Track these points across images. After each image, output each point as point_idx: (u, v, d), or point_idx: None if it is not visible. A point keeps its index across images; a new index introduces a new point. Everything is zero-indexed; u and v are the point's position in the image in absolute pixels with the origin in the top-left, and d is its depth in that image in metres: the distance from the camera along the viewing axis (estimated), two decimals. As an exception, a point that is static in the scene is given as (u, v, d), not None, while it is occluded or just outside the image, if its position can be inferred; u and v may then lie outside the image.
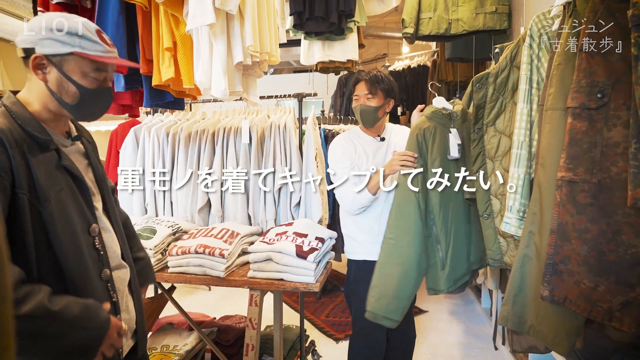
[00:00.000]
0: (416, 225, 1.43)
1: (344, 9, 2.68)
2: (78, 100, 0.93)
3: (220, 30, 1.69)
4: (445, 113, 1.53)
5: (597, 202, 0.88)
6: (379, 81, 1.66)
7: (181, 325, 2.31)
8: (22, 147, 0.84)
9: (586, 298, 0.87)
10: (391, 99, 1.71)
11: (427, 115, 1.55)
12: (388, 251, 1.45)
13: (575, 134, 0.93)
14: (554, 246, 0.93)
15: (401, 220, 1.44)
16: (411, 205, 1.44)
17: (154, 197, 2.29)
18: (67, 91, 0.92)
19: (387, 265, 1.45)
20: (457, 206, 1.52)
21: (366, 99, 1.67)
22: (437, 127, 1.52)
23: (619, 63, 0.92)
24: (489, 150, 1.47)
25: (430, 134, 1.51)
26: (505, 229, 1.31)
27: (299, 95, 2.30)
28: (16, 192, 0.81)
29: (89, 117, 1.00)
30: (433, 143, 1.51)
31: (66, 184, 0.90)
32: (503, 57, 1.48)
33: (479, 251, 1.56)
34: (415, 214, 1.44)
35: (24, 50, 0.89)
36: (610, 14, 0.94)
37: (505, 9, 2.60)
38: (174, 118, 2.46)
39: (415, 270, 1.43)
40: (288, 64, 6.37)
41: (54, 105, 0.93)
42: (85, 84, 0.92)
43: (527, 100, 1.32)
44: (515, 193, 1.31)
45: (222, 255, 1.64)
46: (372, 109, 1.67)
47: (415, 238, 1.43)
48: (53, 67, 0.90)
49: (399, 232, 1.44)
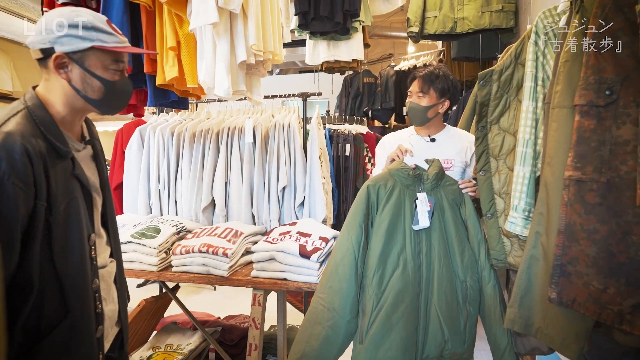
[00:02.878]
0: (350, 289, 1.28)
1: (349, 9, 2.67)
2: (103, 95, 0.93)
3: (223, 30, 1.69)
4: (412, 174, 1.34)
5: (606, 201, 0.86)
6: (434, 79, 1.52)
7: (185, 325, 2.32)
8: (45, 158, 0.84)
9: (595, 300, 0.85)
10: (446, 99, 1.55)
11: (391, 171, 1.37)
12: (317, 311, 1.31)
13: (583, 132, 0.91)
14: (561, 247, 0.90)
15: (335, 281, 1.29)
16: (348, 268, 1.28)
17: (158, 196, 2.30)
18: (92, 87, 0.91)
19: (315, 325, 1.31)
20: (410, 281, 1.28)
21: (417, 97, 1.54)
22: (398, 187, 1.34)
23: (628, 59, 0.90)
24: (493, 149, 1.44)
25: (385, 193, 1.34)
26: (510, 228, 1.29)
27: (304, 95, 2.29)
28: (36, 202, 0.82)
29: (115, 109, 1.00)
30: (386, 204, 1.32)
31: (78, 194, 0.91)
32: (507, 54, 1.46)
33: (438, 344, 1.28)
34: (351, 277, 1.28)
35: (42, 51, 0.88)
36: (619, 10, 0.92)
37: (512, 7, 2.57)
38: (179, 118, 2.47)
39: (342, 337, 1.29)
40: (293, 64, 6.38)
41: (80, 103, 0.93)
42: (108, 77, 0.92)
43: (532, 98, 1.30)
44: (521, 192, 1.29)
45: (226, 255, 1.63)
46: (421, 109, 1.53)
47: (347, 303, 1.28)
48: (75, 65, 0.89)
49: (332, 295, 1.29)
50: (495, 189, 1.41)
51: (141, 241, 1.71)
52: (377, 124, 5.06)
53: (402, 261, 1.29)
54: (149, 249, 1.70)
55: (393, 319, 1.26)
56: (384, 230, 1.30)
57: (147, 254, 1.71)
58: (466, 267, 1.32)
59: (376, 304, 1.27)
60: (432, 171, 1.36)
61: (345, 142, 3.08)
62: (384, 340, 1.26)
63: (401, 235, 1.31)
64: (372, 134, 3.68)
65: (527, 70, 1.32)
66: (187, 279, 1.70)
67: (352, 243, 1.30)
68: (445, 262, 1.31)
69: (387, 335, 1.26)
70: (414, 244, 1.31)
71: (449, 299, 1.29)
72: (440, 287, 1.29)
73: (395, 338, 1.26)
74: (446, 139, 1.60)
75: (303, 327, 1.35)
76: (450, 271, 1.31)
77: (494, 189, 1.41)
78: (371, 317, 1.28)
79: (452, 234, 1.34)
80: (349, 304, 1.29)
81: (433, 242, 1.32)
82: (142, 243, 1.71)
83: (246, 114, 2.39)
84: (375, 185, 1.35)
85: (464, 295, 1.31)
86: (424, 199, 1.32)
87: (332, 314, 1.29)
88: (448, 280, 1.30)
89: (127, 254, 1.72)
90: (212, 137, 2.25)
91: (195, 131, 2.28)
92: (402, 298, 1.27)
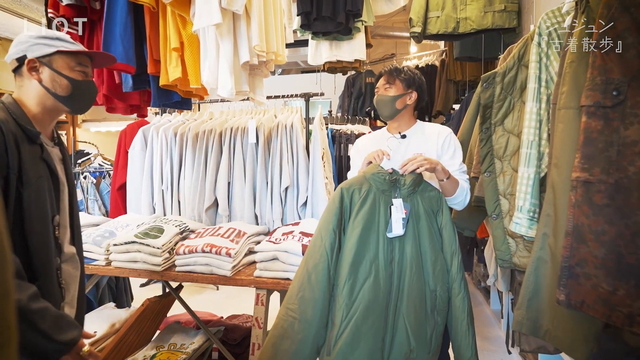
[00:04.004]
0: (324, 298, 1.22)
1: (352, 9, 2.67)
2: (71, 92, 1.08)
3: (226, 30, 1.69)
4: (388, 180, 1.29)
5: (615, 203, 0.85)
6: (398, 72, 1.53)
7: (189, 324, 2.32)
8: (16, 135, 0.98)
9: (604, 302, 0.84)
10: (413, 90, 1.53)
11: (366, 175, 1.32)
12: (286, 324, 1.23)
13: (590, 133, 0.91)
14: (569, 248, 0.90)
15: (308, 290, 1.22)
16: (321, 275, 1.22)
17: (161, 197, 2.30)
18: (60, 85, 1.07)
19: (283, 340, 1.22)
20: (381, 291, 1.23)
21: (384, 89, 1.53)
22: (373, 192, 1.29)
23: (635, 59, 0.89)
24: (497, 150, 1.43)
25: (359, 197, 1.28)
26: (515, 229, 1.28)
27: (306, 95, 2.29)
28: (8, 172, 0.94)
29: (81, 108, 1.15)
30: (360, 209, 1.26)
31: (45, 174, 1.03)
32: (511, 55, 1.46)
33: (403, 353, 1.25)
34: (325, 285, 1.22)
35: (17, 60, 1.05)
36: (625, 9, 0.91)
37: (515, 6, 2.56)
38: (182, 118, 2.47)
39: (311, 351, 1.23)
40: (296, 64, 6.37)
41: (50, 102, 1.07)
42: (74, 76, 1.08)
43: (536, 99, 1.29)
44: (525, 193, 1.28)
45: (229, 255, 1.64)
46: (389, 99, 1.50)
47: (320, 313, 1.22)
48: (44, 67, 1.06)
49: (304, 305, 1.22)
50: (500, 190, 1.40)
51: (145, 241, 1.71)
52: (380, 124, 5.06)
53: (374, 270, 1.24)
54: (152, 249, 1.70)
55: (362, 330, 1.21)
56: (357, 236, 1.24)
57: (150, 253, 1.71)
58: (437, 277, 1.28)
59: (346, 314, 1.22)
60: (409, 177, 1.31)
61: (348, 142, 3.08)
62: (352, 352, 1.21)
63: (374, 242, 1.26)
64: (375, 134, 3.67)
65: (530, 72, 1.31)
66: (190, 278, 1.70)
67: (325, 249, 1.24)
68: (417, 271, 1.26)
69: (356, 346, 1.21)
70: (386, 251, 1.25)
71: (417, 308, 1.25)
72: (410, 296, 1.24)
73: (364, 349, 1.21)
74: (416, 133, 1.56)
75: (269, 344, 1.25)
76: (421, 280, 1.27)
77: (499, 190, 1.40)
78: (340, 327, 1.22)
79: (426, 243, 1.28)
80: (321, 314, 1.22)
81: (406, 250, 1.27)
82: (146, 243, 1.71)
83: (249, 115, 2.39)
84: (350, 189, 1.30)
85: (432, 304, 1.28)
86: (400, 205, 1.26)
87: (303, 325, 1.21)
88: (418, 289, 1.26)
89: (131, 254, 1.72)
90: (215, 138, 2.25)
91: (198, 131, 2.28)
92: (372, 308, 1.22)
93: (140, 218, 2.05)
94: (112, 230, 1.87)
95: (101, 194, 2.93)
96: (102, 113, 4.54)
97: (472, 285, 3.60)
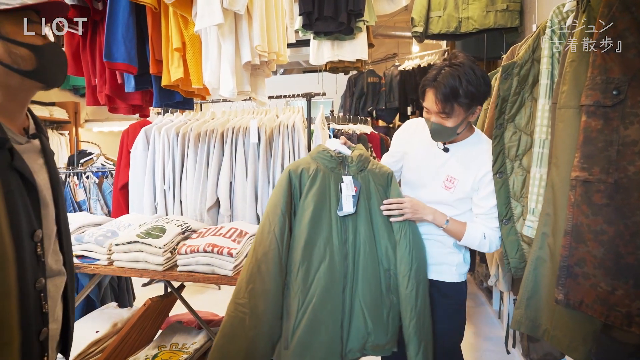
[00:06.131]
0: (276, 289, 1.13)
1: (353, 9, 2.67)
2: (37, 63, 0.87)
3: (228, 31, 1.70)
4: (335, 156, 1.24)
5: (614, 202, 0.85)
6: (455, 94, 1.19)
7: (190, 324, 2.33)
8: None
9: (603, 302, 0.85)
10: (477, 105, 1.26)
11: (312, 155, 1.27)
12: (236, 321, 1.14)
13: (589, 133, 0.91)
14: (568, 248, 0.90)
15: (258, 282, 1.13)
16: (272, 264, 1.13)
17: (163, 196, 2.31)
18: (21, 56, 0.85)
19: (234, 340, 1.13)
20: (337, 274, 1.15)
21: (440, 118, 1.24)
22: (322, 171, 1.23)
23: (635, 59, 0.89)
24: (509, 149, 1.33)
25: (308, 177, 1.21)
26: (528, 232, 1.21)
27: (308, 95, 2.30)
28: None
29: (56, 78, 0.93)
30: (309, 189, 1.19)
31: (16, 187, 0.84)
32: (524, 49, 1.36)
33: (361, 337, 1.18)
34: (277, 274, 1.13)
35: None
36: (626, 9, 0.91)
37: (517, 6, 2.56)
38: (184, 118, 2.48)
39: (266, 347, 1.15)
40: (297, 64, 6.38)
41: (16, 80, 0.85)
42: (31, 41, 0.86)
43: (549, 96, 1.21)
44: (538, 195, 1.20)
45: (231, 254, 1.64)
46: (449, 130, 1.27)
47: (273, 305, 1.14)
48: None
49: (254, 298, 1.13)
50: (511, 192, 1.32)
51: (147, 241, 1.72)
52: (382, 123, 5.06)
53: (328, 251, 1.16)
54: (154, 249, 1.71)
55: (321, 317, 1.13)
56: (309, 218, 1.16)
57: (152, 253, 1.72)
58: (390, 256, 1.22)
59: (302, 302, 1.14)
60: (355, 153, 1.25)
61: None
62: (312, 341, 1.13)
63: (327, 223, 1.18)
64: (376, 134, 3.69)
65: (542, 67, 1.24)
66: (192, 278, 1.70)
67: (275, 235, 1.15)
68: (371, 251, 1.20)
69: (316, 335, 1.13)
70: (340, 232, 1.19)
71: (373, 289, 1.19)
72: (365, 277, 1.18)
73: (324, 337, 1.14)
74: (465, 148, 1.33)
75: (218, 346, 1.16)
76: (375, 259, 1.21)
77: (510, 192, 1.32)
78: (297, 317, 1.14)
79: (379, 221, 1.22)
80: (274, 305, 1.14)
81: (359, 229, 1.20)
82: (148, 243, 1.72)
83: (251, 114, 2.39)
84: (297, 170, 1.21)
85: (387, 284, 1.22)
86: (350, 182, 1.21)
87: (255, 321, 1.13)
88: (373, 269, 1.20)
89: (133, 254, 1.73)
90: (217, 138, 2.26)
91: (200, 131, 2.29)
92: (330, 292, 1.14)
93: (142, 218, 2.06)
94: (114, 230, 1.88)
95: (103, 193, 2.94)
96: (104, 113, 4.57)
97: (474, 285, 3.60)
